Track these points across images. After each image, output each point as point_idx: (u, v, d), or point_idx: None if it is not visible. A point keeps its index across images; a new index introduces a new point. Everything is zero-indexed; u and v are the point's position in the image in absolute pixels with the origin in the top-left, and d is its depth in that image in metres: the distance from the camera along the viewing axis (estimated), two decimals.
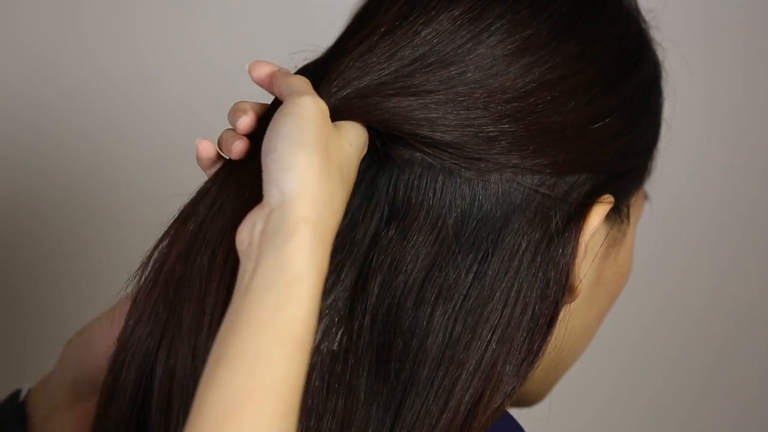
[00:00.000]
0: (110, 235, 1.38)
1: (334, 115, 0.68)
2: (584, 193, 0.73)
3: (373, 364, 0.71)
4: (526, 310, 0.71)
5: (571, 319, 0.75)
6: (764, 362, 1.58)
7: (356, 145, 0.68)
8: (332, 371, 0.70)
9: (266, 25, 1.37)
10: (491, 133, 0.70)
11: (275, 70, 0.71)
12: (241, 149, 0.69)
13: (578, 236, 0.72)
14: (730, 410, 1.58)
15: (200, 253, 0.68)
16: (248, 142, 0.70)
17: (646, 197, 0.82)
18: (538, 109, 0.71)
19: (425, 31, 0.71)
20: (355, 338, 0.71)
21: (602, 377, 1.52)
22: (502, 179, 0.71)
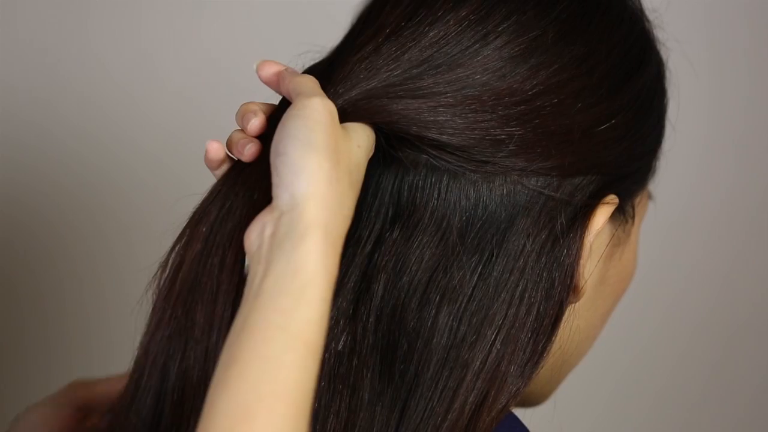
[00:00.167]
0: (113, 236, 1.37)
1: (341, 116, 0.68)
2: (589, 193, 0.73)
3: (377, 364, 0.71)
4: (530, 310, 0.71)
5: (575, 319, 0.75)
6: None
7: (364, 147, 0.68)
8: (337, 372, 0.70)
9: (273, 24, 1.37)
10: (499, 136, 0.70)
11: (282, 69, 0.71)
12: (253, 152, 0.69)
13: (583, 237, 0.72)
14: (734, 411, 1.58)
15: (211, 254, 0.68)
16: (260, 145, 0.69)
17: (650, 197, 0.81)
18: (545, 111, 0.70)
19: (432, 32, 0.70)
20: (359, 339, 0.71)
21: (606, 377, 1.51)
22: (506, 181, 0.71)
